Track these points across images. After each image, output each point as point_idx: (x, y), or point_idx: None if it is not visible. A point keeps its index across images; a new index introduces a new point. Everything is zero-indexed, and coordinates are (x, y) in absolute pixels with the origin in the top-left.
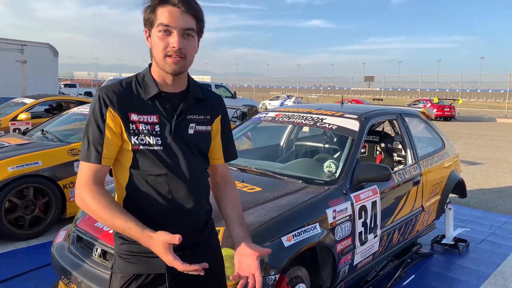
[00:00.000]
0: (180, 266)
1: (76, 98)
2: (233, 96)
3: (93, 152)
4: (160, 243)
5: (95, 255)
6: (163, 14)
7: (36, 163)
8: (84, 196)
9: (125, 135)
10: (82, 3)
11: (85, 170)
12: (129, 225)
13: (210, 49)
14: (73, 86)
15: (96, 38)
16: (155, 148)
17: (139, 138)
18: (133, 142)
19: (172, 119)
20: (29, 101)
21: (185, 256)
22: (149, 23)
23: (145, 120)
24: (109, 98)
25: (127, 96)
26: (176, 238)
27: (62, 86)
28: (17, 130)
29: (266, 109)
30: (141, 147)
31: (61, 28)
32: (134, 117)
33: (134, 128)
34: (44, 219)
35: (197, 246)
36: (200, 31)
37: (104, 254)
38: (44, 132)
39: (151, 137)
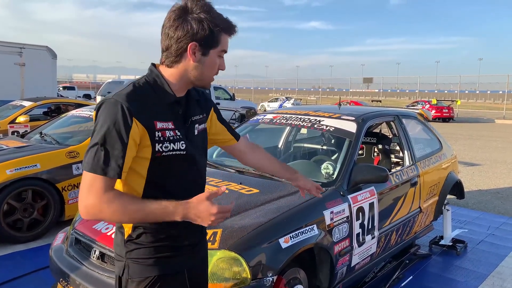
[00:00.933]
0: (228, 208)
1: (75, 101)
2: (232, 98)
3: (113, 165)
4: (203, 197)
5: (93, 257)
6: (225, 41)
7: (35, 165)
8: (102, 205)
9: (145, 143)
10: (81, 5)
11: (97, 182)
12: (164, 203)
13: None
14: (72, 88)
15: (95, 40)
16: (179, 153)
17: (164, 145)
18: (156, 149)
19: (184, 123)
20: (27, 103)
21: (193, 253)
22: (212, 43)
23: (167, 126)
24: (133, 107)
25: (148, 104)
26: (221, 190)
27: (61, 88)
28: (15, 133)
29: (265, 110)
30: (164, 153)
31: (60, 30)
32: (159, 124)
33: (160, 135)
34: (42, 222)
35: (198, 243)
36: None
37: (102, 256)
38: (42, 135)
39: (176, 142)
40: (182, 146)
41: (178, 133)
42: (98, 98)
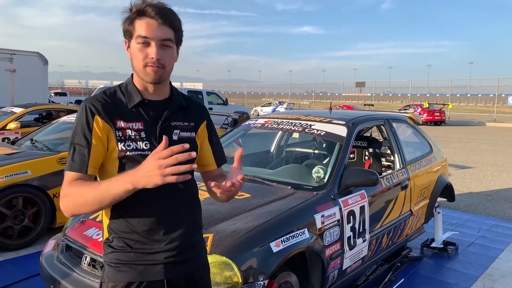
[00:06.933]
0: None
1: (66, 107)
2: (225, 103)
3: (78, 161)
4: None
5: (84, 263)
6: (141, 26)
7: (25, 172)
8: (65, 191)
9: (112, 143)
10: (71, 11)
11: (69, 178)
12: (114, 179)
13: (201, 56)
14: (64, 94)
15: (86, 46)
16: (144, 153)
17: (126, 144)
18: (120, 148)
19: (157, 125)
20: (18, 110)
21: (177, 262)
22: (128, 35)
23: (132, 126)
24: (95, 107)
25: (112, 104)
26: (162, 144)
27: (53, 94)
28: (6, 140)
29: (258, 115)
30: (128, 153)
31: (51, 36)
32: (120, 124)
33: (121, 134)
34: (33, 229)
35: (186, 252)
36: (178, 40)
37: (93, 262)
38: (33, 141)
39: (139, 142)
40: (146, 146)
41: (144, 134)
42: None
